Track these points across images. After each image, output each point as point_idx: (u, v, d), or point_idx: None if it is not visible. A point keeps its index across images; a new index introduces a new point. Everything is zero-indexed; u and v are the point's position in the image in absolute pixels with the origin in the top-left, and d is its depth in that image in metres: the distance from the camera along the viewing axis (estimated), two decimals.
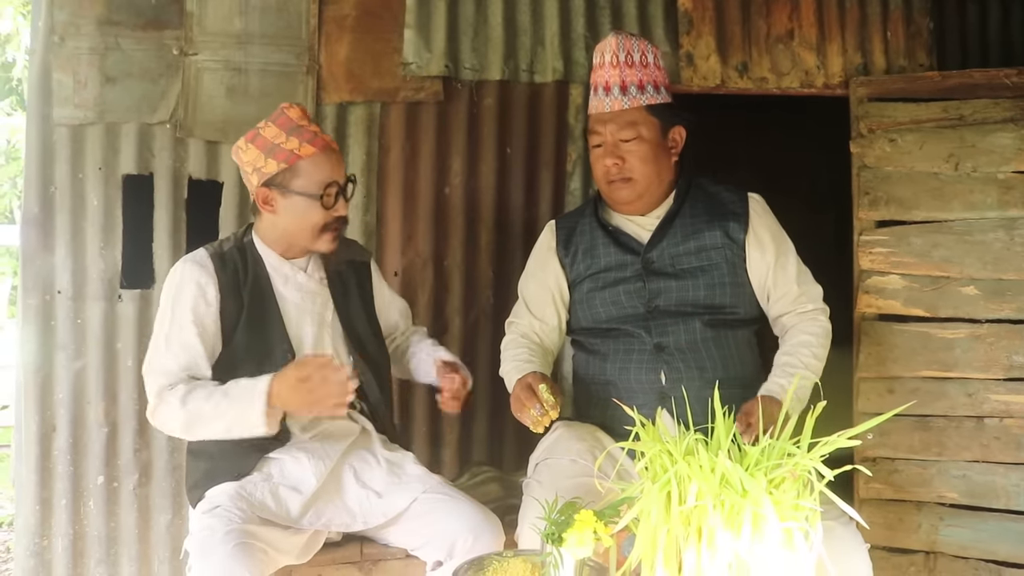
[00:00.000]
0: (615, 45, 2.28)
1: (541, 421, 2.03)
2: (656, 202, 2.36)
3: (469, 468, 2.84)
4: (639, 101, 2.27)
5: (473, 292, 3.02)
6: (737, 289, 2.30)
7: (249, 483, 2.06)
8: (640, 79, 2.27)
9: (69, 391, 2.75)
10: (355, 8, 2.90)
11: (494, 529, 2.05)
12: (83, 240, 2.76)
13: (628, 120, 2.27)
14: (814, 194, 4.60)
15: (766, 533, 1.50)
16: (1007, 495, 2.76)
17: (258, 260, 2.17)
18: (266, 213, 2.14)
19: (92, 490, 2.77)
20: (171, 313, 2.08)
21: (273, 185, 2.09)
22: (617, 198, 2.33)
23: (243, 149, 2.14)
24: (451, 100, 2.97)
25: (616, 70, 2.28)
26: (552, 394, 2.03)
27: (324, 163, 2.10)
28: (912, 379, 2.87)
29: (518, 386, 2.11)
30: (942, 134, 2.91)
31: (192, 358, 2.06)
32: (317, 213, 2.10)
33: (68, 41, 2.72)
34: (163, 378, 2.05)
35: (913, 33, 3.15)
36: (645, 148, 2.27)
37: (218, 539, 1.87)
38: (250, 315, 2.11)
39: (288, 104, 2.15)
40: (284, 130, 2.09)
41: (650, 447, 1.63)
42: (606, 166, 2.29)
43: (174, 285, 2.10)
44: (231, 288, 2.11)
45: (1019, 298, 2.78)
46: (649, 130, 2.28)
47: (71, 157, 2.74)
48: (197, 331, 2.06)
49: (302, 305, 2.18)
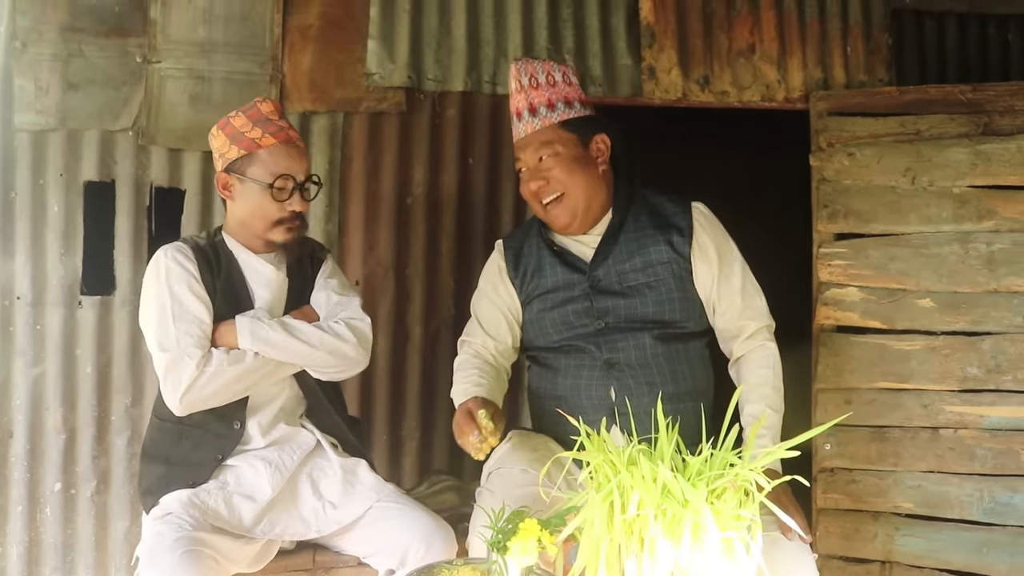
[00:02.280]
0: (516, 71, 2.30)
1: (480, 448, 1.99)
2: (595, 218, 2.33)
3: (429, 477, 2.84)
4: (550, 120, 2.26)
5: (434, 301, 3.02)
6: (686, 304, 2.27)
7: (203, 491, 2.06)
8: (548, 98, 2.27)
9: (27, 397, 2.75)
10: (319, 18, 2.92)
11: (446, 538, 2.06)
12: (43, 246, 2.76)
13: (543, 140, 2.26)
14: (784, 207, 4.64)
15: (706, 542, 1.52)
16: (961, 505, 2.79)
17: (230, 256, 2.20)
18: (227, 200, 2.19)
19: (49, 497, 2.76)
20: (168, 293, 2.09)
21: (232, 171, 2.16)
22: (554, 222, 2.31)
23: (214, 136, 2.21)
24: (414, 111, 2.99)
25: (522, 95, 2.28)
26: (492, 420, 1.98)
27: (281, 155, 2.15)
28: (869, 390, 2.89)
29: (459, 412, 2.09)
30: (899, 148, 2.94)
31: (204, 331, 2.08)
32: (269, 204, 2.14)
33: (30, 47, 2.73)
34: (195, 350, 2.05)
35: (872, 49, 3.19)
36: (566, 162, 2.25)
37: (167, 546, 1.87)
38: (223, 306, 2.14)
39: (262, 98, 2.21)
40: (252, 120, 2.16)
41: (594, 457, 1.65)
42: (532, 190, 2.28)
43: (162, 269, 2.12)
44: (207, 277, 2.14)
45: (973, 311, 2.82)
46: (566, 145, 2.26)
47: (32, 163, 2.74)
48: (200, 302, 2.09)
49: (271, 300, 2.21)
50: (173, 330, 2.06)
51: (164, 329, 2.07)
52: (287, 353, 2.13)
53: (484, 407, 2.02)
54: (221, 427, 2.12)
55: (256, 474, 2.09)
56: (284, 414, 2.20)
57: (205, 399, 2.07)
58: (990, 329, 2.81)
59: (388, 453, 2.97)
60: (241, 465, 2.11)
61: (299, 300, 2.26)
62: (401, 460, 3.00)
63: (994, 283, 2.81)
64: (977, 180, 2.86)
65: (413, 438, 3.00)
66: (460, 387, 2.27)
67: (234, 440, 2.12)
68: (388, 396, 2.98)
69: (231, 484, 2.08)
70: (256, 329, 2.10)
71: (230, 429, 2.12)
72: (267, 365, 2.12)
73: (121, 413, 2.81)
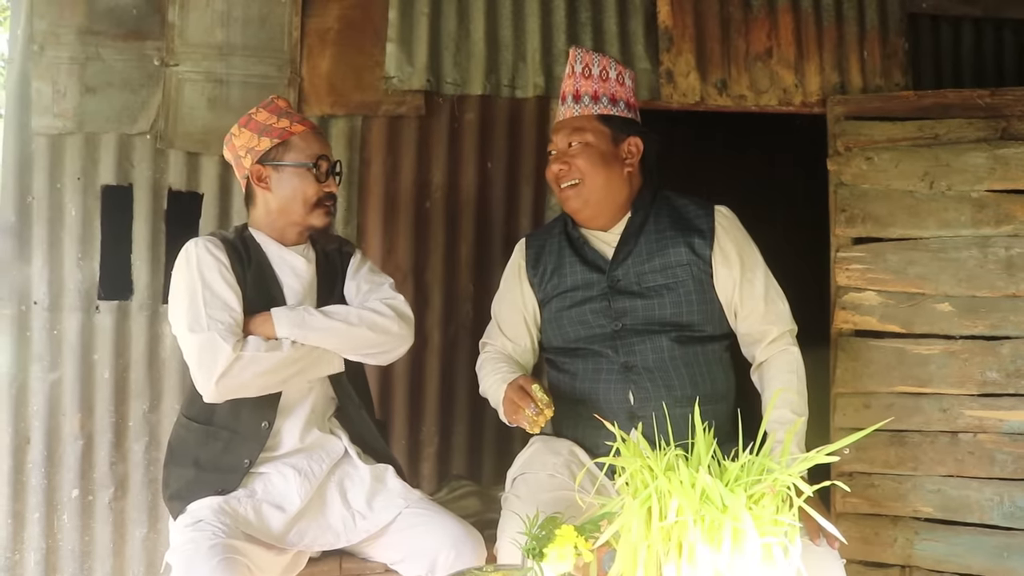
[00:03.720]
0: (573, 57, 2.32)
1: (537, 421, 2.02)
2: (614, 216, 2.33)
3: (448, 482, 2.82)
4: (590, 110, 2.28)
5: (453, 306, 3.01)
6: (705, 307, 2.26)
7: (232, 498, 2.04)
8: (595, 90, 2.28)
9: (44, 403, 2.73)
10: (338, 21, 2.91)
11: (475, 544, 2.04)
12: (60, 250, 2.74)
13: (576, 126, 2.28)
14: (790, 212, 4.66)
15: (746, 548, 1.51)
16: (980, 509, 2.80)
17: (259, 248, 2.19)
18: (260, 192, 2.19)
19: (66, 503, 2.75)
20: (200, 280, 2.06)
21: (267, 161, 2.16)
22: (566, 204, 2.32)
23: (236, 135, 2.20)
24: (432, 114, 2.98)
25: (571, 80, 2.31)
26: (546, 393, 2.03)
27: (313, 139, 2.20)
28: (888, 394, 2.90)
29: (510, 389, 2.10)
30: (917, 153, 2.95)
31: (232, 317, 2.04)
32: (310, 185, 2.16)
33: (48, 50, 2.72)
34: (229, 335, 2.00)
35: (889, 53, 3.20)
36: (591, 153, 2.26)
37: (203, 554, 1.85)
38: (254, 298, 2.12)
39: (276, 95, 2.25)
40: (275, 113, 2.19)
41: (631, 463, 1.64)
42: (553, 171, 2.30)
43: (192, 258, 2.09)
44: (237, 268, 2.13)
45: (992, 315, 2.83)
46: (597, 137, 2.27)
47: (49, 167, 2.73)
48: (231, 290, 2.07)
49: (301, 292, 2.19)
50: (204, 315, 2.02)
51: (195, 313, 2.03)
52: (327, 335, 2.10)
53: (536, 381, 2.06)
54: (250, 428, 2.09)
55: (285, 483, 2.07)
56: (315, 416, 2.18)
57: (241, 386, 2.01)
58: (1009, 333, 2.82)
59: (407, 458, 2.96)
60: (270, 472, 2.09)
61: (329, 293, 2.25)
62: (420, 465, 2.99)
63: (1013, 287, 2.82)
64: (995, 184, 2.87)
65: (432, 443, 2.99)
66: (495, 376, 2.28)
67: (262, 441, 2.10)
68: (407, 401, 2.96)
69: (259, 493, 2.06)
70: (292, 316, 2.08)
71: (259, 429, 2.09)
72: (305, 358, 2.09)
73: (139, 419, 2.79)
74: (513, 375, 2.22)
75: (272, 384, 2.07)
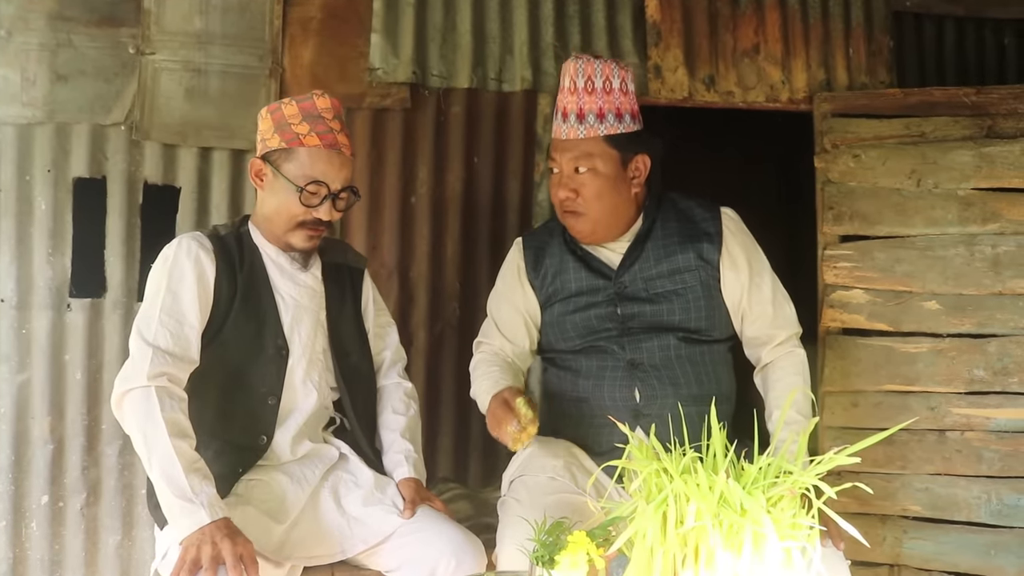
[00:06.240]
0: (573, 70, 2.19)
1: (519, 438, 1.96)
2: (620, 231, 2.27)
3: (435, 484, 2.77)
4: (596, 131, 2.16)
5: (439, 304, 2.96)
6: (712, 310, 2.24)
7: None
8: (600, 107, 2.17)
9: (12, 405, 2.62)
10: (321, 11, 2.83)
11: (476, 551, 1.98)
12: (29, 246, 2.64)
13: (583, 151, 2.17)
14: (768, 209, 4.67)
15: (766, 552, 1.48)
16: (968, 508, 2.80)
17: (254, 250, 2.09)
18: (257, 189, 2.10)
19: (35, 511, 2.64)
20: (167, 283, 1.96)
21: (269, 160, 2.04)
22: (570, 228, 2.26)
23: (263, 117, 2.09)
24: (418, 107, 2.91)
25: (574, 96, 2.18)
26: (530, 408, 1.97)
27: (321, 160, 2.01)
28: (876, 393, 2.90)
29: (494, 402, 2.04)
30: (904, 151, 2.95)
31: (183, 331, 1.93)
32: (295, 205, 2.02)
33: (16, 36, 2.60)
34: (145, 364, 1.88)
35: (874, 51, 3.20)
36: (600, 182, 2.17)
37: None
38: (244, 305, 2.03)
39: (320, 92, 2.07)
40: (302, 113, 2.03)
41: (645, 465, 1.59)
42: (560, 197, 2.22)
43: (170, 257, 1.99)
44: (227, 273, 2.02)
45: (979, 313, 2.83)
46: (606, 163, 2.17)
47: (18, 158, 2.62)
48: (198, 303, 1.96)
49: (300, 301, 2.10)
50: (156, 321, 1.92)
51: (148, 317, 1.94)
52: None
53: (521, 395, 1.99)
54: (246, 439, 2.01)
55: (278, 490, 1.99)
56: (312, 424, 2.11)
57: (122, 417, 1.91)
58: (996, 331, 2.82)
59: None
60: (263, 479, 2.01)
61: (339, 311, 2.16)
62: None
63: (999, 285, 2.82)
64: (982, 183, 2.87)
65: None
66: (485, 383, 2.22)
67: (258, 454, 2.02)
68: None
69: (251, 501, 1.97)
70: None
71: (255, 442, 2.01)
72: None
73: (112, 422, 2.66)
74: (504, 382, 2.16)
75: (134, 436, 1.89)
